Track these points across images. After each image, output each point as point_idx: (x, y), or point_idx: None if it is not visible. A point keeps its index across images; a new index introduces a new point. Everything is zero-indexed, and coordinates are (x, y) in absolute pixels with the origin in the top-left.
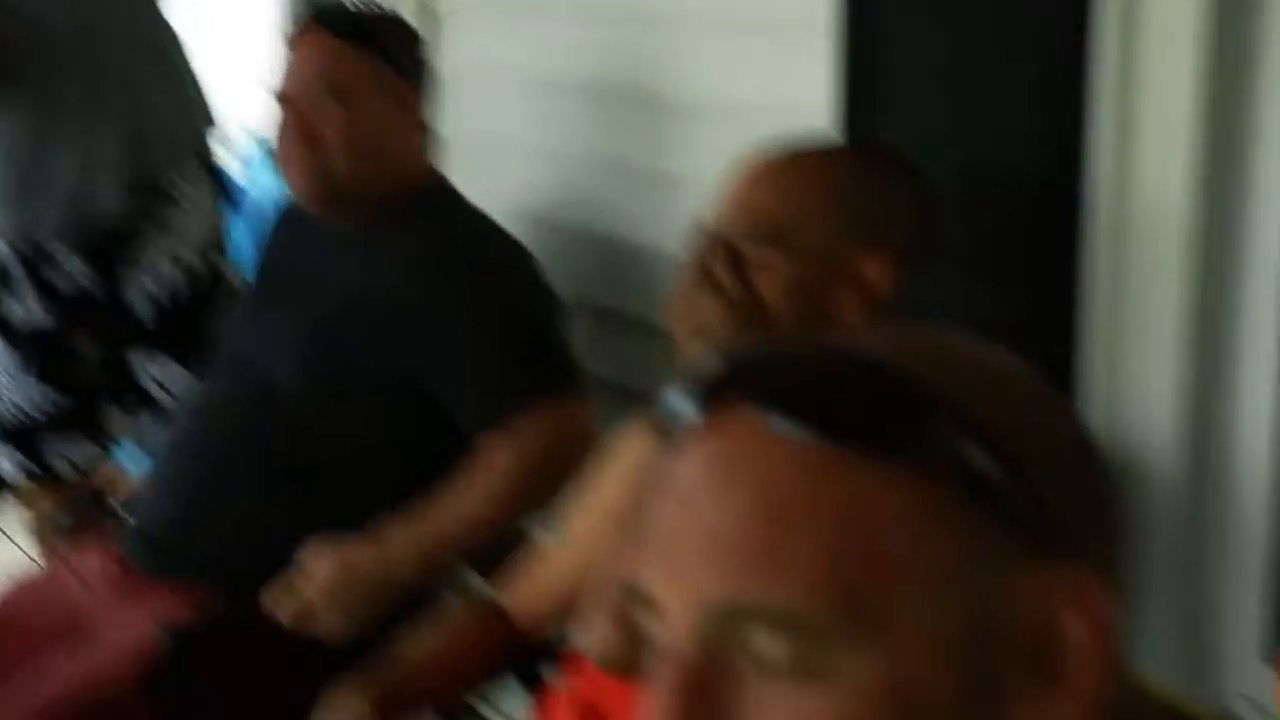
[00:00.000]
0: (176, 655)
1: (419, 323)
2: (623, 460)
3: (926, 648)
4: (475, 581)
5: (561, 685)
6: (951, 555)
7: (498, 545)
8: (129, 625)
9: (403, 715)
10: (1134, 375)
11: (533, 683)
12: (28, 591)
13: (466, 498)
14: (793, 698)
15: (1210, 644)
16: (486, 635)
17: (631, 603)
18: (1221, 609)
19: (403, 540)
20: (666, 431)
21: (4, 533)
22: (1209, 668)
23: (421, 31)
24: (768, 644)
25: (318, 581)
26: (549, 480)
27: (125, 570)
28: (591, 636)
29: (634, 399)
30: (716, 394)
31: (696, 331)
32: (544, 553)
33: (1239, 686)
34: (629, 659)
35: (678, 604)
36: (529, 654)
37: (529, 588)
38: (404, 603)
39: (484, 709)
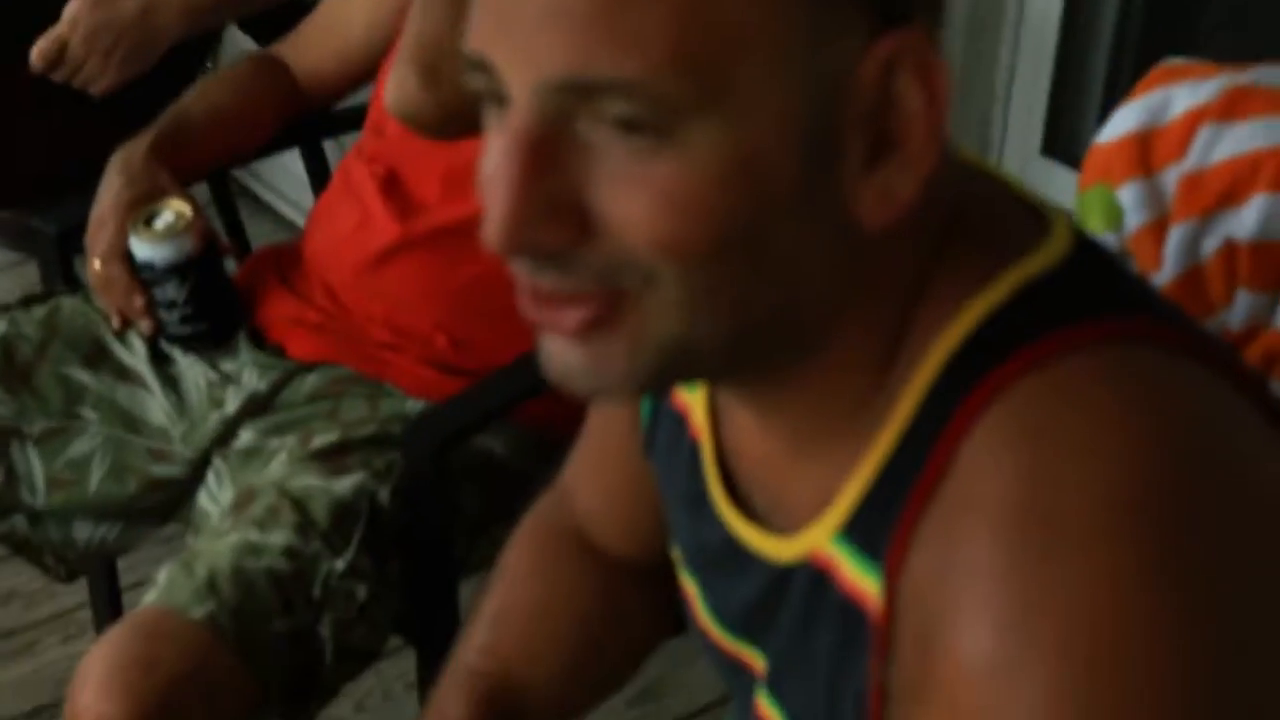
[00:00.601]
0: None
1: None
2: None
3: (772, 118)
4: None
5: (359, 151)
6: (793, 22)
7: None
8: None
9: (184, 172)
10: None
11: (316, 155)
12: None
13: None
14: (639, 167)
15: (994, 139)
16: (269, 91)
17: (468, 68)
18: (1008, 105)
19: None
20: None
21: None
22: (990, 160)
23: None
24: (612, 115)
25: (79, 25)
26: None
27: None
28: (400, 94)
29: None
30: None
31: None
32: (327, 6)
33: (1022, 179)
34: (441, 119)
35: (518, 75)
36: (312, 125)
37: (311, 42)
38: (180, 63)
39: (259, 188)
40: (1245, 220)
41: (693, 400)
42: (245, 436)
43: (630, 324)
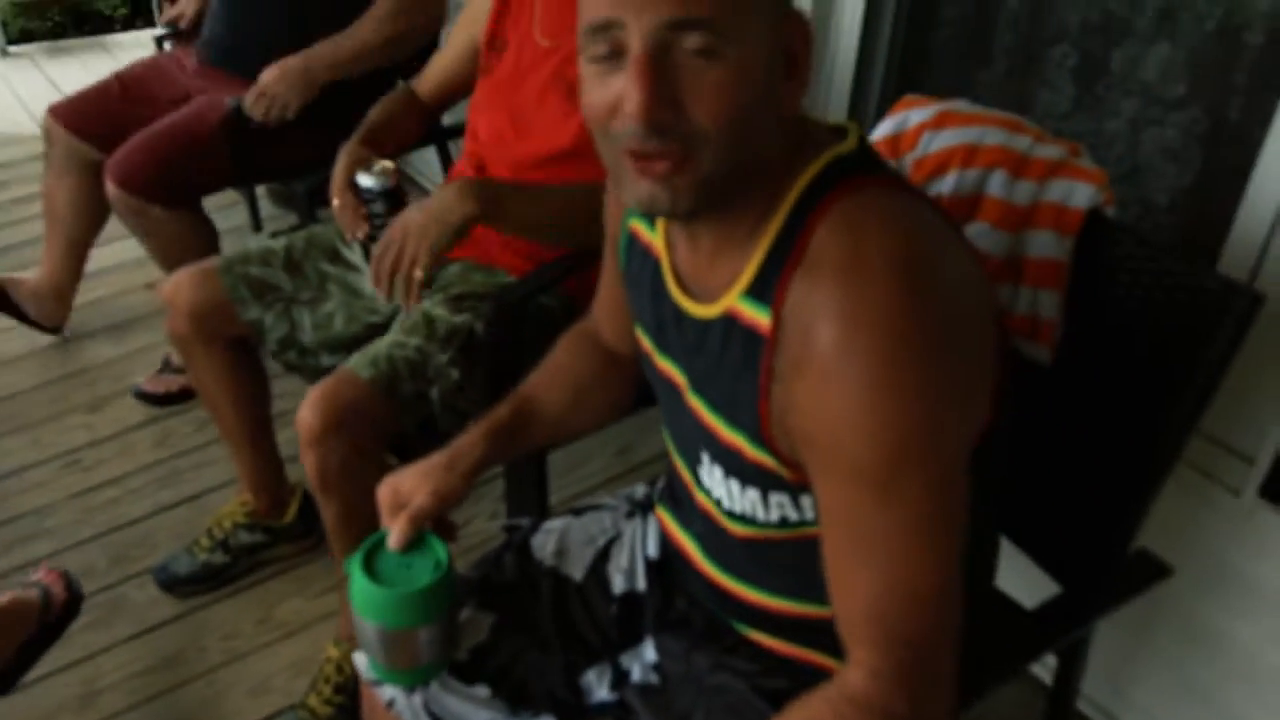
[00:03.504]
0: (240, 117)
1: None
2: None
3: (762, 49)
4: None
5: (465, 149)
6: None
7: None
8: (212, 96)
9: (379, 154)
10: None
11: (444, 150)
12: (151, 67)
13: (362, 27)
14: (704, 75)
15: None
16: (411, 108)
17: (592, 33)
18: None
19: (320, 51)
20: None
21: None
22: None
23: None
24: (691, 44)
25: (269, 79)
26: (422, 6)
27: (204, 63)
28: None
29: None
30: None
31: None
32: (441, 49)
33: None
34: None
35: (639, 24)
36: (441, 132)
37: (429, 74)
38: (368, 93)
39: (412, 171)
40: (945, 185)
41: (653, 237)
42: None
43: (690, 169)
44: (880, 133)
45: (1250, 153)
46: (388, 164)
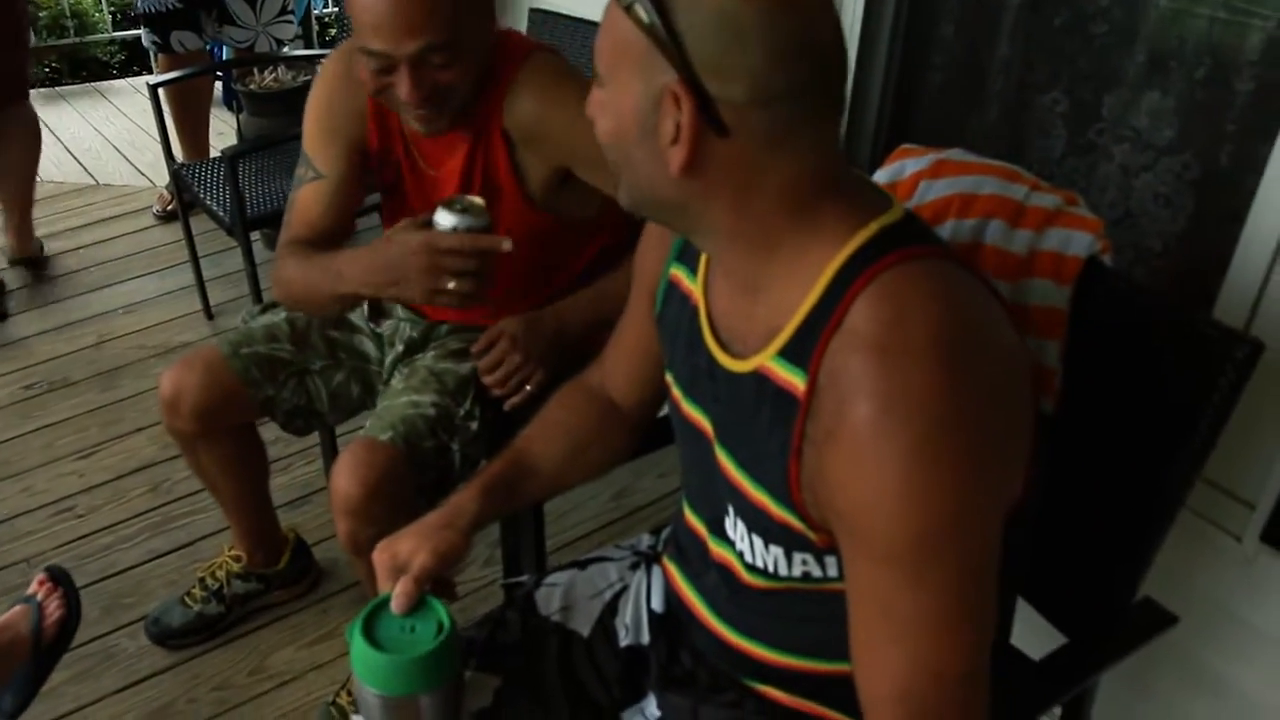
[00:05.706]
0: None
1: None
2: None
3: (627, 96)
4: None
5: None
6: (638, 54)
7: None
8: None
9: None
10: None
11: None
12: None
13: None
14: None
15: None
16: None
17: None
18: None
19: None
20: None
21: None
22: None
23: None
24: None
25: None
26: None
27: None
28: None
29: None
30: None
31: None
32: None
33: None
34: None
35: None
36: None
37: (324, 213)
38: None
39: None
40: (943, 234)
41: (693, 285)
42: (413, 358)
43: None
44: (877, 181)
45: (1241, 199)
46: (475, 199)
